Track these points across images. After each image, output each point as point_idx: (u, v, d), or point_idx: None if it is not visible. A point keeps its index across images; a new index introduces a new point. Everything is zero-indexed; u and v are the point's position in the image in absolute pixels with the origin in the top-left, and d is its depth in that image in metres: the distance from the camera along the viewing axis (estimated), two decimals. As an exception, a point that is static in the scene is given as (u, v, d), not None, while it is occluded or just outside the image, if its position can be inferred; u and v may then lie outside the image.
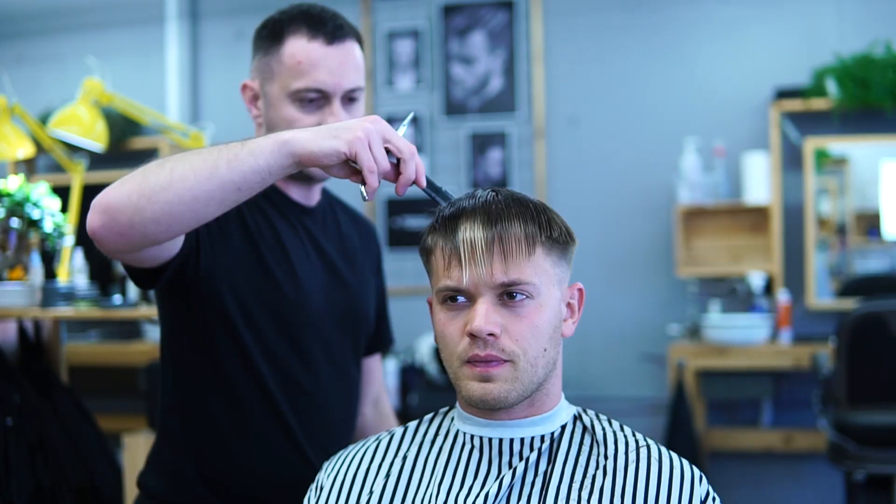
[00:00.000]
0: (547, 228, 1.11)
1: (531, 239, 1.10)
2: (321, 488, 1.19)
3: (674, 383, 3.91)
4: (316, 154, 1.12)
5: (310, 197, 1.57)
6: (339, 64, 1.44)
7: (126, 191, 1.13)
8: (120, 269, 4.21)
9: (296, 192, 1.54)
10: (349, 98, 1.47)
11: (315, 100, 1.44)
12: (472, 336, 1.07)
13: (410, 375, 4.15)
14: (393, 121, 4.66)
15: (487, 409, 1.11)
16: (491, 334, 1.07)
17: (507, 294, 1.08)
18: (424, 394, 4.09)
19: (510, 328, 1.08)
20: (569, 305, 1.17)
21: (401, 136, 1.18)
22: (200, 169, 1.12)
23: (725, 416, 4.23)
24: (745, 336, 3.91)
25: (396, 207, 4.63)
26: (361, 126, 1.14)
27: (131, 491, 2.56)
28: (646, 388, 4.29)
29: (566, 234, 1.15)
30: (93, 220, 1.15)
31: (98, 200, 1.15)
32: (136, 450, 2.56)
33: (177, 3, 4.83)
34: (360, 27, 4.66)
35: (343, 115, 1.45)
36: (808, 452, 3.99)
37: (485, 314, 1.07)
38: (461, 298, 1.09)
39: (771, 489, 4.16)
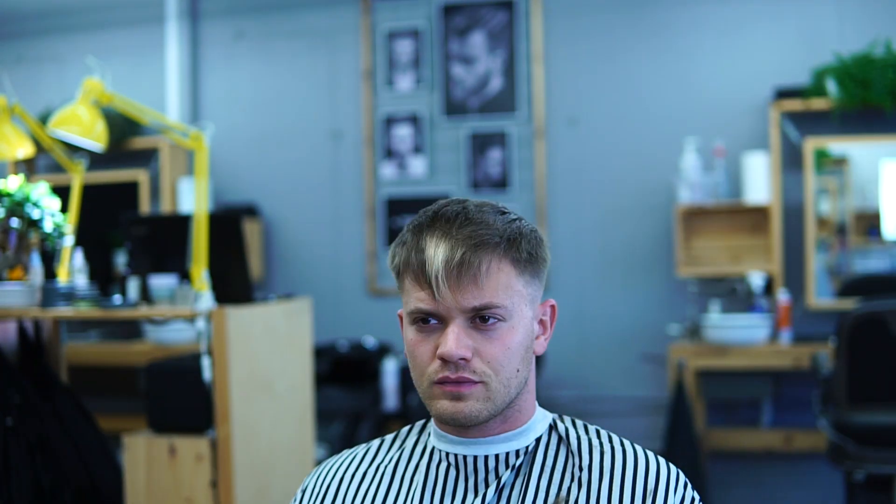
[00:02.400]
0: (518, 249, 1.09)
1: (502, 261, 1.07)
2: (303, 497, 1.21)
3: (674, 383, 3.91)
4: None
5: None
6: None
7: None
8: (120, 269, 4.22)
9: None
10: None
11: None
12: (444, 359, 1.07)
13: (410, 375, 4.15)
14: (392, 120, 4.68)
15: (459, 426, 1.10)
16: (462, 358, 1.06)
17: (480, 317, 1.07)
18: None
19: (482, 350, 1.07)
20: (541, 322, 1.15)
21: None
22: None
23: (725, 416, 4.23)
24: (744, 336, 3.91)
25: (396, 207, 4.63)
26: None
27: (131, 491, 2.56)
28: (646, 388, 4.29)
29: (540, 250, 1.12)
30: None
31: None
32: (136, 450, 2.56)
33: (177, 3, 4.83)
34: (359, 27, 4.68)
35: None
36: (808, 452, 3.99)
37: (456, 338, 1.05)
38: (432, 320, 1.08)
39: (771, 489, 4.16)
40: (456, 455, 1.13)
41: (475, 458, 1.12)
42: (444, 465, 1.14)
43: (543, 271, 1.14)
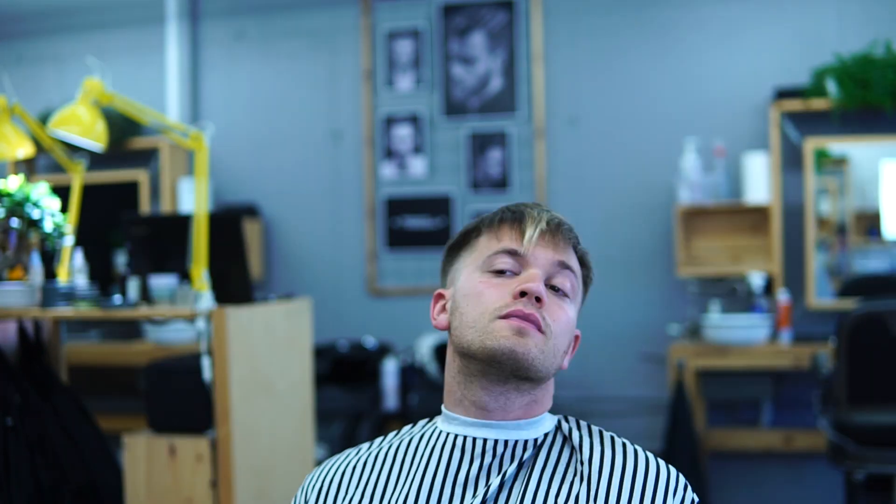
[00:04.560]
0: (580, 249, 1.21)
1: (575, 248, 1.19)
2: (307, 498, 1.21)
3: (674, 383, 3.91)
4: None
5: None
6: None
7: None
8: (119, 269, 4.22)
9: None
10: None
11: None
12: (521, 295, 1.10)
13: (410, 375, 4.15)
14: (392, 120, 4.68)
15: (510, 364, 1.09)
16: (539, 299, 1.10)
17: (552, 286, 1.14)
18: (424, 394, 4.09)
19: (550, 307, 1.12)
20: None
21: None
22: None
23: (725, 416, 4.23)
24: (745, 336, 3.91)
25: (396, 207, 4.63)
26: None
27: (131, 491, 2.56)
28: (646, 388, 4.29)
29: (590, 275, 1.22)
30: None
31: None
32: (136, 450, 2.56)
33: (177, 3, 4.83)
34: (359, 27, 4.67)
35: None
36: (808, 452, 3.99)
37: (539, 277, 1.11)
38: (509, 272, 1.13)
39: (771, 489, 4.16)
40: (465, 437, 1.13)
41: (484, 441, 1.12)
42: (448, 445, 1.14)
43: (586, 293, 1.23)
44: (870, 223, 4.28)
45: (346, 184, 4.73)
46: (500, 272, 1.12)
